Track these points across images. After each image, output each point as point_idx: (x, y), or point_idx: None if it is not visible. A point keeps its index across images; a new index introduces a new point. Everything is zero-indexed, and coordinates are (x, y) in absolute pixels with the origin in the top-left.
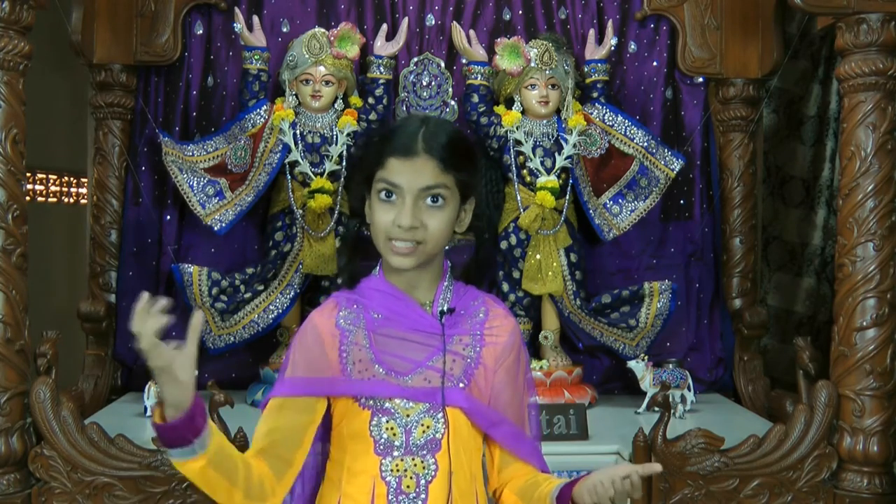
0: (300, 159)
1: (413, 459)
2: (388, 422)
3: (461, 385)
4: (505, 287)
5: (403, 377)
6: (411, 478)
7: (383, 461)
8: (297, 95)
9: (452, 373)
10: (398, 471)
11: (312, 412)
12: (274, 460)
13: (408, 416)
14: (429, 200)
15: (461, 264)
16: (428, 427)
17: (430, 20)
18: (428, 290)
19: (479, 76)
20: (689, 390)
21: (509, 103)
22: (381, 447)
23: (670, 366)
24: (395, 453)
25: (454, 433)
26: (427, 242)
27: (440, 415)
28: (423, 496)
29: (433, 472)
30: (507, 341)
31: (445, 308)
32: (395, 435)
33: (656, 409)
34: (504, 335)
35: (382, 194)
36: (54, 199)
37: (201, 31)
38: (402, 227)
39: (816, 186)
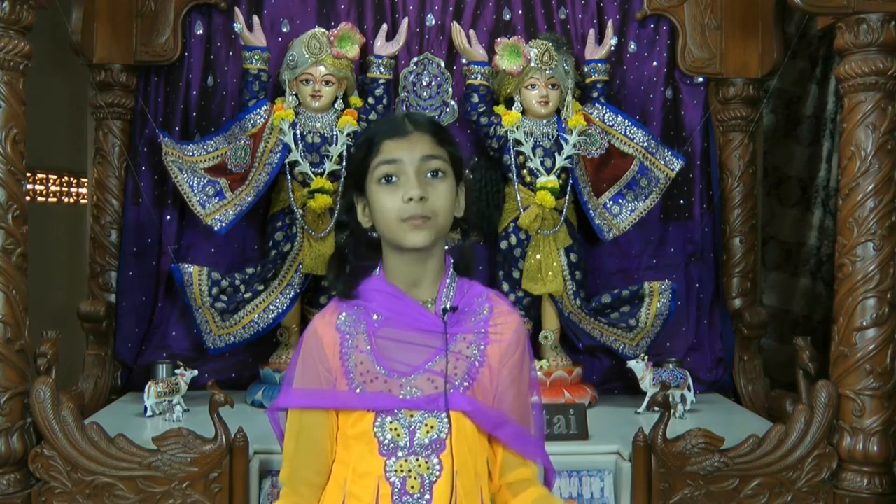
0: (300, 159)
1: (417, 460)
2: (391, 423)
3: (465, 386)
4: (505, 287)
5: (406, 377)
6: (415, 478)
7: (388, 462)
8: (297, 95)
9: (455, 374)
10: (402, 471)
11: (329, 418)
12: (310, 488)
13: (411, 416)
14: (429, 175)
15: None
16: (432, 427)
17: (430, 20)
18: (431, 287)
19: (479, 76)
20: (689, 390)
21: (509, 103)
22: (386, 448)
23: (670, 366)
24: (400, 454)
25: (458, 434)
26: (437, 215)
27: (444, 415)
28: (427, 496)
29: (437, 473)
30: (512, 339)
31: (448, 305)
32: (399, 436)
33: (656, 409)
34: (508, 332)
35: (383, 180)
36: (54, 199)
37: (201, 31)
38: (412, 199)
39: (813, 186)
